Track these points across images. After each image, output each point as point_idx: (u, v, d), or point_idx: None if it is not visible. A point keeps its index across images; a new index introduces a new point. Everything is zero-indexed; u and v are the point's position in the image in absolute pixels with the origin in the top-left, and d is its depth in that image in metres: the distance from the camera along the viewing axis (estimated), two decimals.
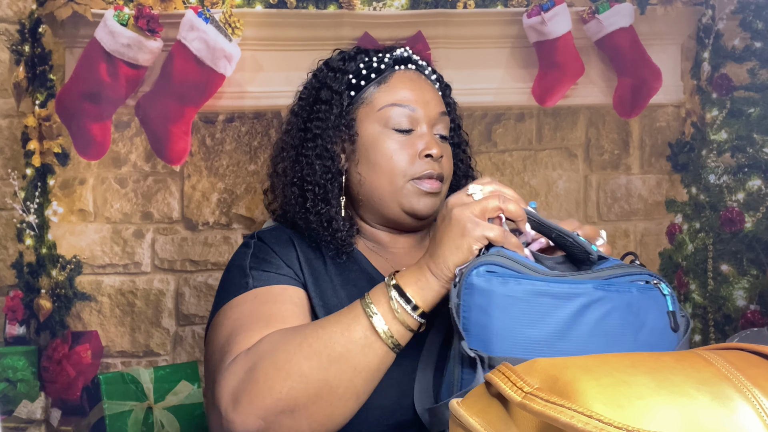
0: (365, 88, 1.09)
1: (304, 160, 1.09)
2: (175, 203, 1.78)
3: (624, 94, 1.88)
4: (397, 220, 1.09)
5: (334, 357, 0.84)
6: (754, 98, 1.84)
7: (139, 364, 1.73)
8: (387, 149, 1.06)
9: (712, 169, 1.86)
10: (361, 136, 1.08)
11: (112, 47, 1.71)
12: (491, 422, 0.54)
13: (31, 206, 1.73)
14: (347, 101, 1.09)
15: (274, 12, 1.77)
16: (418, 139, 1.07)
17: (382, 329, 0.85)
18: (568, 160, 1.88)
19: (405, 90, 1.09)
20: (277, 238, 1.08)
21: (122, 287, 1.76)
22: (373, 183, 1.07)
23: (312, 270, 1.03)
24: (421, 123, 1.08)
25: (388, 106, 1.07)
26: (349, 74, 1.10)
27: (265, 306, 0.95)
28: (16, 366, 1.69)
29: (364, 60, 1.11)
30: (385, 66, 1.10)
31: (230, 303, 0.98)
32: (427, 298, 0.86)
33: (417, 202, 1.06)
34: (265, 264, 1.02)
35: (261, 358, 0.86)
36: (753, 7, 1.84)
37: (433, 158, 1.06)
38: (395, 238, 1.12)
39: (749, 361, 0.55)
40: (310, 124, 1.10)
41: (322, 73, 1.14)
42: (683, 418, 0.48)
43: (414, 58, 1.15)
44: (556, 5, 1.83)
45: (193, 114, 1.77)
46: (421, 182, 1.06)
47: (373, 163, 1.06)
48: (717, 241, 1.86)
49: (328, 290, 1.02)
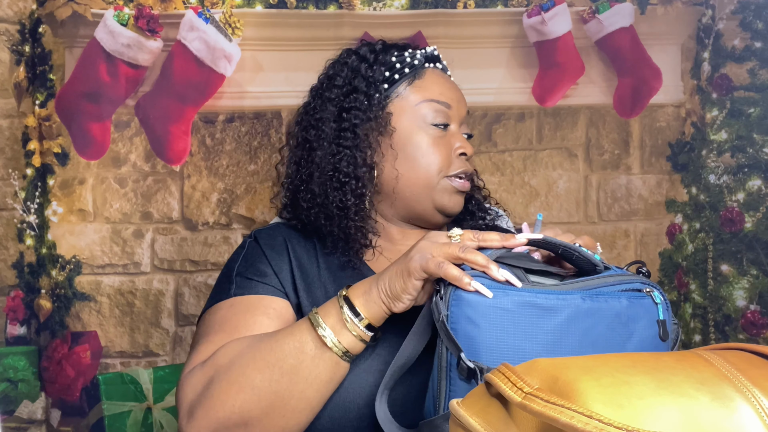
0: (399, 82, 1.09)
1: (341, 151, 1.06)
2: (175, 203, 1.78)
3: (624, 94, 1.88)
4: (426, 216, 1.08)
5: (286, 369, 0.85)
6: (754, 98, 1.84)
7: (138, 365, 1.73)
8: (425, 145, 1.06)
9: (712, 169, 1.86)
10: (398, 131, 1.07)
11: (112, 47, 1.71)
12: (491, 422, 0.54)
13: (32, 206, 1.73)
14: (383, 93, 1.08)
15: (274, 12, 1.77)
16: (452, 137, 1.08)
17: (331, 340, 0.85)
18: (569, 160, 1.88)
19: (438, 87, 1.09)
20: (273, 241, 1.06)
21: (122, 287, 1.76)
22: (410, 178, 1.06)
23: (304, 275, 1.03)
24: (454, 121, 1.09)
25: (426, 102, 1.07)
26: (382, 66, 1.09)
27: (236, 317, 0.96)
28: (17, 366, 1.69)
29: (396, 54, 1.10)
30: (418, 62, 1.10)
31: (210, 310, 0.99)
32: (373, 313, 0.86)
33: (449, 199, 1.07)
34: (251, 270, 1.02)
35: (216, 372, 0.87)
36: (753, 7, 1.84)
37: (467, 157, 1.08)
38: (407, 234, 1.11)
39: (749, 362, 0.55)
40: (346, 114, 1.08)
41: (354, 63, 1.11)
42: (683, 418, 0.48)
43: (443, 61, 1.15)
44: (557, 5, 1.83)
45: (193, 114, 1.77)
46: (454, 180, 1.07)
47: (411, 158, 1.06)
48: (717, 241, 1.86)
49: (320, 295, 1.01)
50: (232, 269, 1.02)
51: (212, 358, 0.89)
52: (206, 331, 0.96)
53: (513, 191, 1.87)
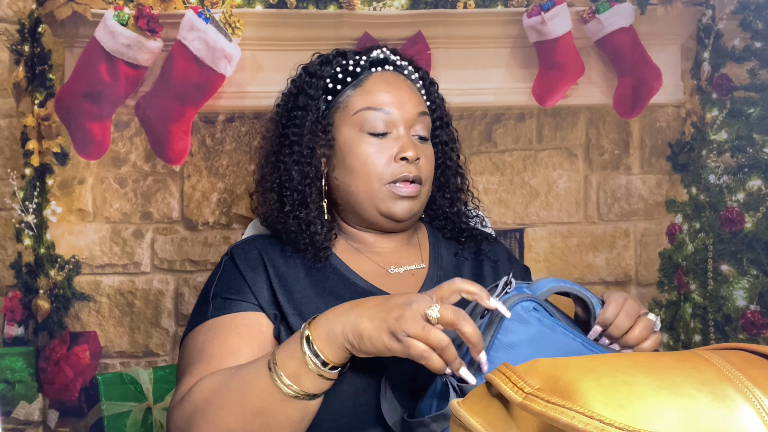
0: (342, 92, 1.09)
1: (282, 166, 1.10)
2: (175, 203, 1.78)
3: (624, 94, 1.87)
4: (376, 222, 1.09)
5: (257, 411, 0.85)
6: (754, 98, 1.84)
7: (138, 365, 1.73)
8: (362, 153, 1.06)
9: (712, 169, 1.86)
10: (337, 141, 1.08)
11: (112, 47, 1.71)
12: (492, 422, 0.54)
13: (30, 206, 1.72)
14: (324, 106, 1.09)
15: (274, 12, 1.77)
16: (393, 142, 1.06)
17: (294, 390, 0.84)
18: (568, 160, 1.87)
19: (380, 92, 1.08)
20: (248, 255, 1.08)
21: (121, 287, 1.75)
22: (350, 187, 1.07)
23: (284, 284, 1.03)
24: (397, 125, 1.07)
25: (362, 110, 1.07)
26: (325, 78, 1.10)
27: (211, 343, 0.97)
28: (14, 367, 1.69)
29: (341, 63, 1.11)
30: (362, 69, 1.10)
31: (191, 335, 1.01)
32: (338, 356, 0.84)
33: (393, 205, 1.06)
34: (226, 289, 1.03)
35: (194, 411, 0.89)
36: (753, 7, 1.84)
37: (409, 161, 1.06)
38: (379, 239, 1.12)
39: (750, 362, 0.55)
40: (287, 131, 1.11)
41: (300, 79, 1.14)
42: (684, 419, 0.48)
43: (392, 58, 1.13)
44: (556, 5, 1.82)
45: (193, 114, 1.77)
46: (396, 186, 1.06)
47: (350, 168, 1.06)
48: (717, 241, 1.86)
49: (303, 301, 1.01)
50: (209, 291, 1.05)
51: (189, 394, 0.90)
52: (188, 361, 0.98)
53: (513, 191, 1.87)
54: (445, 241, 1.18)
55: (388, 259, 1.11)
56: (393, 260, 1.11)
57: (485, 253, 1.17)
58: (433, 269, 1.11)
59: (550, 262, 1.87)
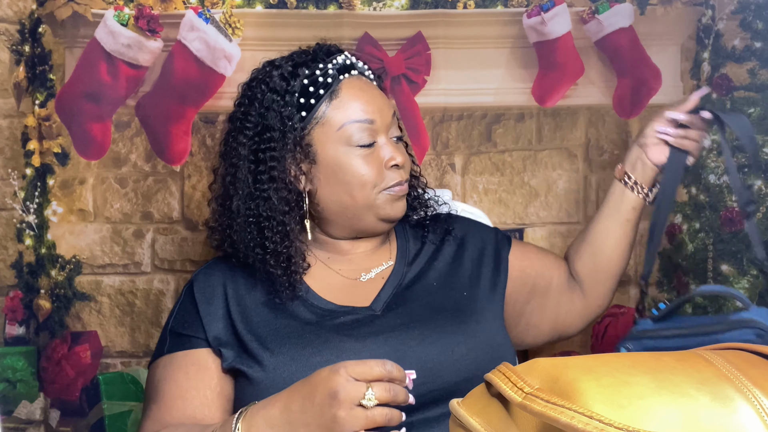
0: (316, 106, 1.06)
1: (259, 195, 1.05)
2: (176, 203, 1.78)
3: (624, 94, 1.88)
4: (373, 228, 1.09)
5: None
6: (754, 98, 1.84)
7: (139, 365, 1.73)
8: (355, 167, 1.05)
9: (712, 169, 1.86)
10: (323, 159, 1.05)
11: (113, 47, 1.71)
12: (491, 422, 0.54)
13: (31, 206, 1.73)
14: (299, 124, 1.06)
15: (274, 12, 1.77)
16: (380, 149, 1.06)
17: None
18: (568, 160, 1.88)
19: (358, 102, 1.06)
20: (208, 282, 1.08)
21: (122, 287, 1.76)
22: (345, 201, 1.06)
23: (243, 309, 1.04)
24: (380, 132, 1.07)
25: (347, 124, 1.05)
26: (295, 94, 1.06)
27: (166, 383, 1.02)
28: (15, 366, 1.69)
29: (307, 74, 1.07)
30: (332, 78, 1.07)
31: (153, 366, 1.07)
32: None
33: (391, 208, 1.08)
34: (180, 324, 1.06)
35: None
36: (753, 7, 1.84)
37: (399, 166, 1.07)
38: (356, 244, 1.12)
39: (750, 362, 0.55)
40: (262, 155, 1.06)
41: (265, 96, 1.08)
42: (684, 419, 0.49)
43: (357, 64, 1.11)
44: (556, 5, 1.83)
45: (194, 114, 1.77)
46: (392, 189, 1.07)
47: (343, 183, 1.05)
48: (717, 241, 1.86)
49: (261, 324, 1.03)
50: (168, 324, 1.08)
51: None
52: (147, 398, 1.05)
53: (513, 191, 1.87)
54: (411, 230, 1.19)
55: (360, 265, 1.11)
56: (365, 264, 1.11)
57: (453, 235, 1.18)
58: (400, 266, 1.12)
59: None
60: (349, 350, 0.98)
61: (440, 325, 1.03)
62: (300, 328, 1.01)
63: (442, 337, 1.02)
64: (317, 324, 1.01)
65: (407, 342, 1.00)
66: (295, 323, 1.01)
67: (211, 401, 1.00)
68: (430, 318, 1.04)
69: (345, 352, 0.97)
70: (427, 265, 1.12)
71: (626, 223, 1.28)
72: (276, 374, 0.96)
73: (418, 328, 1.02)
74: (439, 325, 1.03)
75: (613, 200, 1.29)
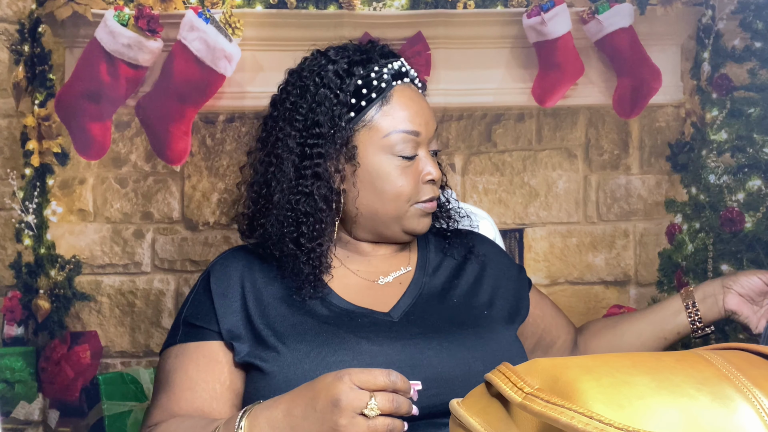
0: (366, 109, 1.04)
1: (301, 190, 1.04)
2: (176, 203, 1.78)
3: (624, 94, 1.88)
4: (395, 238, 1.08)
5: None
6: (754, 98, 1.84)
7: (139, 365, 1.73)
8: (393, 178, 1.03)
9: (712, 169, 1.86)
10: (364, 164, 1.04)
11: (113, 47, 1.71)
12: (491, 422, 0.54)
13: (30, 206, 1.73)
14: (348, 124, 1.04)
15: (274, 12, 1.77)
16: (419, 162, 1.05)
17: None
18: (568, 160, 1.88)
19: (407, 112, 1.04)
20: (226, 272, 1.07)
21: (122, 287, 1.76)
22: (378, 209, 1.04)
23: (260, 302, 1.03)
24: (423, 145, 1.05)
25: (394, 133, 1.03)
26: (348, 93, 1.04)
27: (176, 373, 1.02)
28: (13, 367, 1.69)
29: (362, 75, 1.04)
30: (386, 84, 1.05)
31: (164, 355, 1.05)
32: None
33: (418, 223, 1.06)
34: (194, 315, 1.05)
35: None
36: (753, 7, 1.84)
37: (435, 182, 1.06)
38: (377, 247, 1.11)
39: (750, 362, 0.55)
40: (309, 150, 1.04)
41: (318, 90, 1.05)
42: (684, 419, 0.48)
43: (410, 72, 1.09)
44: (556, 5, 1.83)
45: (194, 114, 1.77)
46: (423, 205, 1.06)
47: (380, 191, 1.04)
48: (717, 241, 1.86)
49: (277, 318, 1.01)
50: (182, 313, 1.06)
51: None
52: (157, 386, 1.04)
53: (513, 191, 1.87)
54: (433, 237, 1.18)
55: (378, 268, 1.10)
56: (383, 268, 1.10)
57: (475, 253, 1.16)
58: (420, 275, 1.11)
59: (550, 262, 1.87)
60: (365, 353, 0.97)
61: (459, 339, 1.02)
62: (317, 325, 1.00)
63: (462, 351, 1.01)
64: (335, 324, 1.01)
65: (425, 351, 0.99)
66: (312, 320, 1.00)
67: (219, 395, 1.00)
68: (449, 331, 1.03)
69: (361, 354, 0.96)
70: (449, 281, 1.11)
71: (662, 340, 1.23)
72: (290, 370, 0.96)
73: (437, 339, 1.01)
74: (459, 338, 1.02)
75: (663, 315, 1.23)
